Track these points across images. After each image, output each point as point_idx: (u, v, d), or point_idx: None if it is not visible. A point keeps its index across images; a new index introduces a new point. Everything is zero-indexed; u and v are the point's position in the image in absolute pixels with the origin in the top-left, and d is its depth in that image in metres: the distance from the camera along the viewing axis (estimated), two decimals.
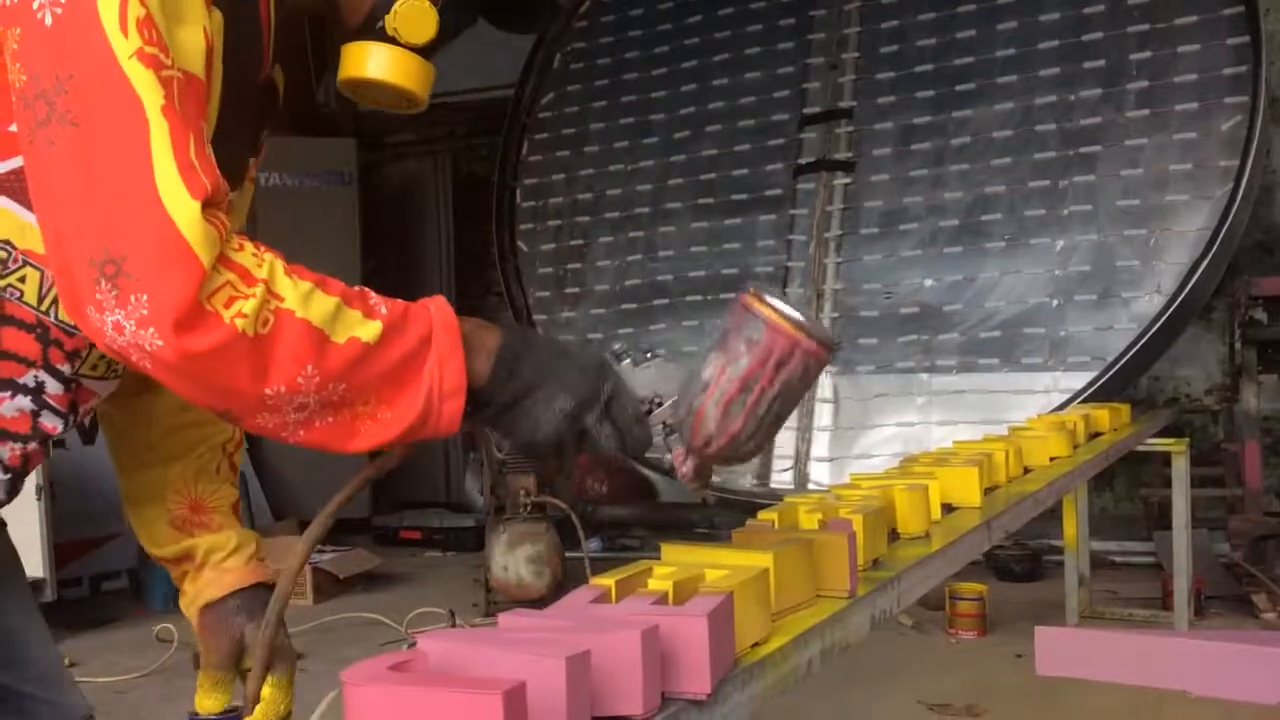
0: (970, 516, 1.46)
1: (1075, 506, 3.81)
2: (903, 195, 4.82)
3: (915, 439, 4.33)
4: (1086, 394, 4.01)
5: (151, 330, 0.84)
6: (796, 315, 0.96)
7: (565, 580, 4.18)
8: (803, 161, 5.06)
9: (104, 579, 4.89)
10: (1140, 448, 3.19)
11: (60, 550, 4.32)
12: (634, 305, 5.30)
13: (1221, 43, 4.34)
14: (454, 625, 1.53)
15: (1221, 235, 4.06)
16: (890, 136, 4.94)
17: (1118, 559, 4.80)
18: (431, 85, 1.12)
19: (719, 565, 0.91)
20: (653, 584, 0.85)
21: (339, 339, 0.89)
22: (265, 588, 1.27)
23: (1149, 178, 4.35)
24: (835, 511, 1.15)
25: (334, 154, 6.57)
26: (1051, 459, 2.05)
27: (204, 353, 0.85)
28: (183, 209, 0.83)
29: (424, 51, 1.09)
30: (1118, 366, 4.12)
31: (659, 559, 0.97)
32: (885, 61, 5.04)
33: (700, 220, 5.27)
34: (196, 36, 0.90)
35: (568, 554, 4.27)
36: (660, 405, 1.03)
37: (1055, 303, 4.36)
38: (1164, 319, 4.10)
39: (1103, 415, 2.71)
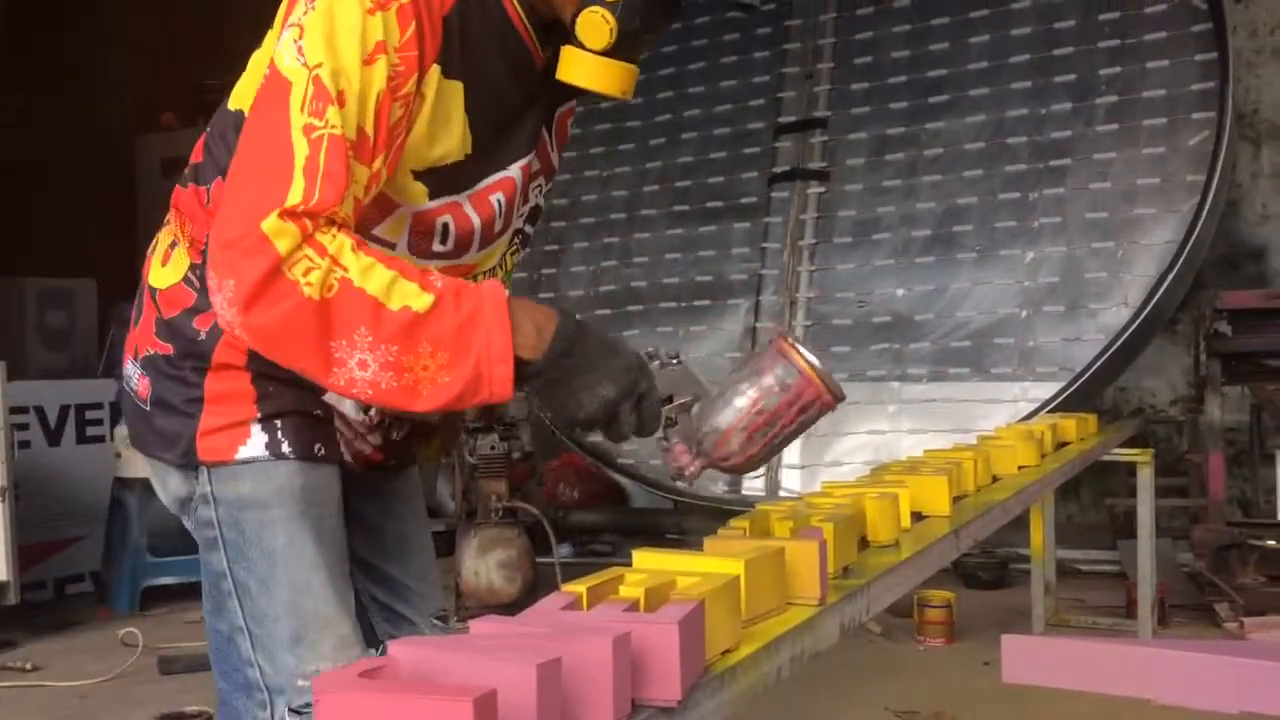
0: (939, 525, 1.48)
1: (1042, 515, 3.85)
2: (876, 205, 4.86)
3: (885, 447, 4.35)
4: (1054, 404, 4.06)
5: (235, 309, 1.07)
6: (822, 367, 1.20)
7: (536, 585, 4.17)
8: (778, 170, 5.09)
9: (68, 582, 4.83)
10: (1106, 457, 3.22)
11: (24, 553, 4.26)
12: (608, 311, 5.30)
13: (1190, 59, 4.40)
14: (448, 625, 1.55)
15: (1188, 249, 4.12)
16: (864, 146, 4.98)
17: (1083, 567, 4.84)
18: (627, 83, 1.27)
19: (690, 572, 0.91)
20: (624, 591, 0.85)
21: (393, 306, 1.07)
22: None
23: (1117, 191, 4.40)
24: (806, 519, 1.16)
25: None
26: (1020, 468, 2.07)
27: (277, 320, 1.06)
28: (271, 219, 1.06)
29: (617, 54, 1.25)
30: (1085, 377, 4.16)
31: (630, 565, 0.97)
32: (860, 72, 5.08)
33: (675, 227, 5.29)
34: (367, 111, 1.13)
35: (538, 559, 4.26)
36: (671, 402, 1.24)
37: (1024, 313, 4.40)
38: (1130, 331, 4.15)
39: (1070, 425, 2.74)
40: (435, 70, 1.19)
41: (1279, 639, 3.48)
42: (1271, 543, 4.38)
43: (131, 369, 1.39)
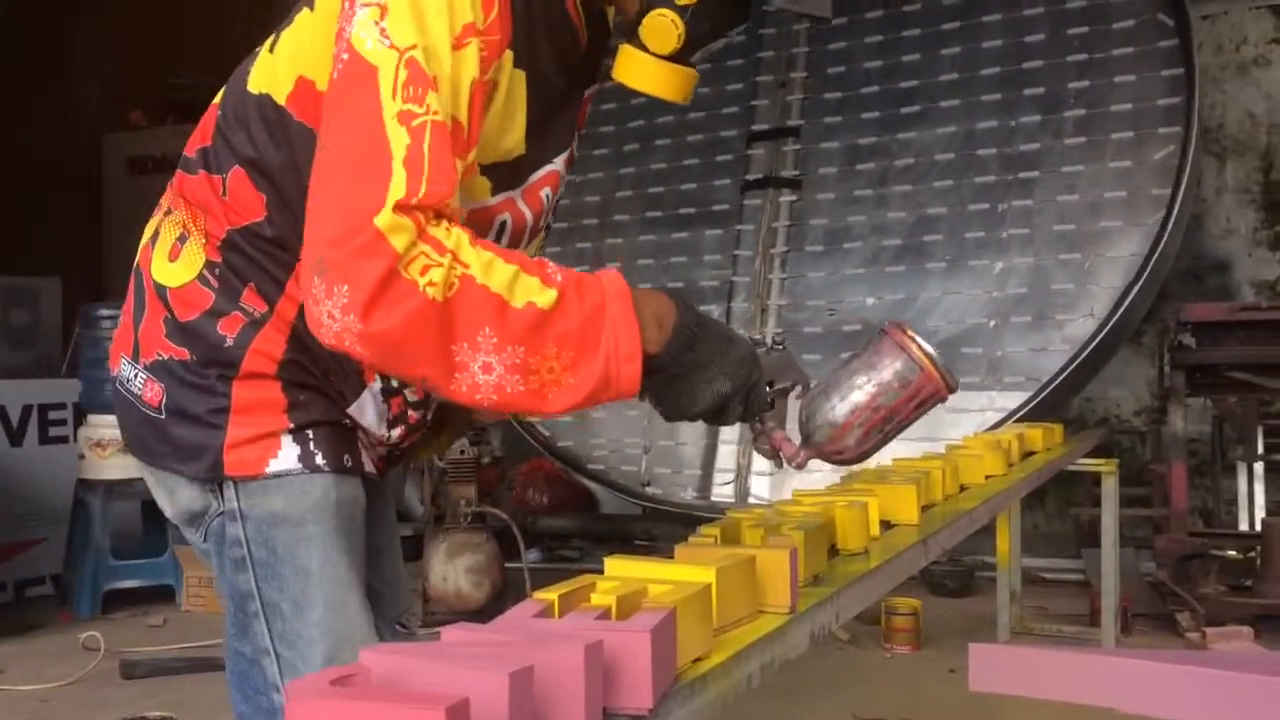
0: (908, 534, 1.49)
1: (1008, 524, 3.88)
2: (847, 214, 4.89)
3: None
4: (1021, 413, 4.09)
5: (352, 316, 0.99)
6: (939, 358, 1.19)
7: (504, 591, 4.15)
8: (750, 178, 5.12)
9: (29, 585, 4.76)
10: (1071, 467, 3.26)
11: None
12: None
13: (1157, 74, 4.46)
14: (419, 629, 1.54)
15: (1153, 261, 4.17)
16: (836, 155, 5.01)
17: (1048, 576, 4.89)
18: (687, 87, 1.24)
19: (662, 580, 0.91)
20: (596, 599, 0.85)
21: (517, 303, 1.01)
22: None
23: (1084, 203, 4.46)
24: (777, 527, 1.16)
25: None
26: (987, 477, 2.09)
27: (399, 324, 0.98)
28: (384, 213, 0.98)
29: (679, 58, 1.21)
30: (1051, 387, 4.21)
31: (599, 570, 0.97)
32: (832, 82, 5.11)
33: (648, 233, 5.30)
34: (461, 100, 1.06)
35: (507, 564, 4.25)
36: (772, 387, 1.22)
37: (993, 323, 4.44)
38: (1096, 342, 4.20)
39: (1036, 434, 2.76)
40: (509, 56, 1.13)
41: (1240, 649, 3.52)
42: (1232, 553, 4.45)
43: (130, 370, 1.28)
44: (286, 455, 1.22)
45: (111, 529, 4.63)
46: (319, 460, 1.24)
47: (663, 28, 1.18)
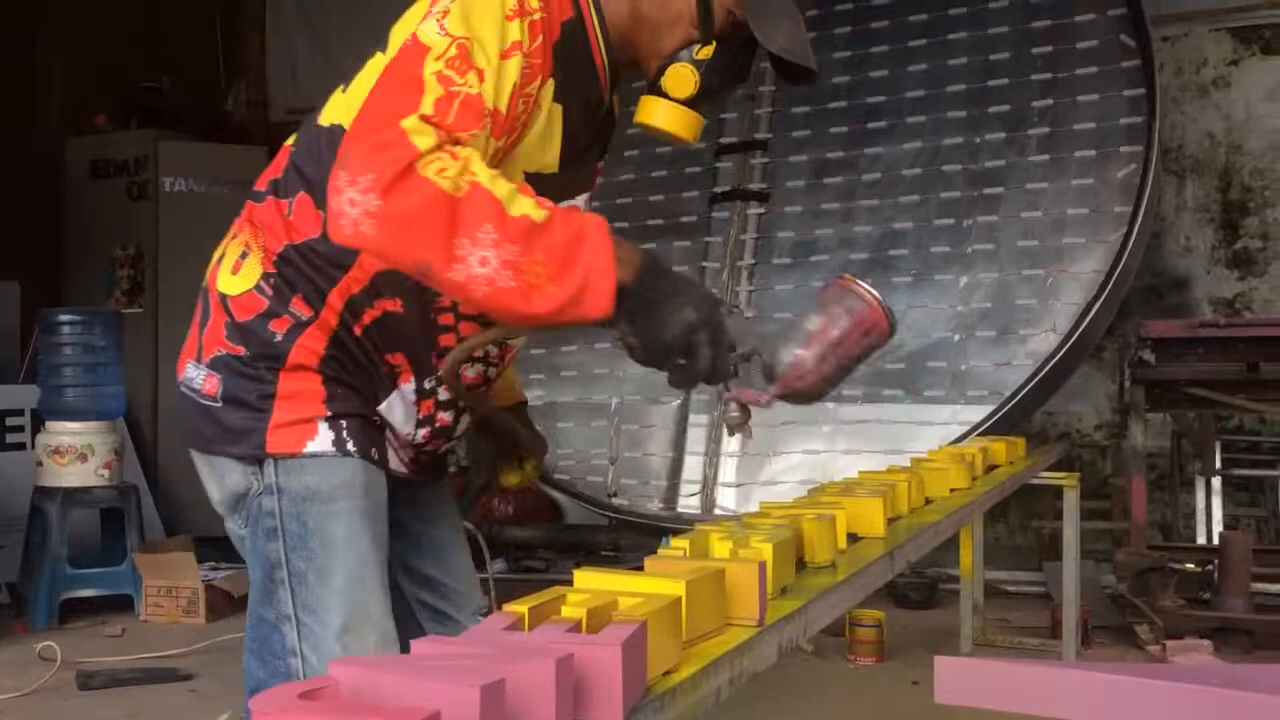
0: (875, 546, 1.50)
1: (971, 537, 3.91)
2: (815, 227, 4.91)
3: (820, 467, 4.39)
4: (984, 427, 4.13)
5: (372, 195, 1.13)
6: (882, 300, 1.35)
7: None
8: (718, 190, 5.13)
9: None
10: (1033, 481, 3.29)
11: None
12: None
13: (1119, 94, 4.53)
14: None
15: (1114, 278, 4.22)
16: (804, 169, 5.04)
17: (1009, 588, 4.93)
18: (696, 130, 1.46)
19: (632, 592, 0.91)
20: (566, 611, 0.85)
21: (514, 212, 1.16)
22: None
23: (1048, 220, 4.51)
24: (746, 540, 1.17)
25: (244, 162, 6.43)
26: (952, 490, 2.11)
27: (414, 205, 1.13)
28: (412, 119, 1.16)
29: (693, 104, 1.43)
30: (1014, 401, 4.24)
31: (566, 581, 0.97)
32: (800, 96, 5.14)
33: None
34: (503, 95, 1.26)
35: None
36: (734, 351, 1.32)
37: (957, 337, 4.48)
38: (1058, 357, 4.24)
39: (1000, 448, 2.79)
40: (550, 85, 1.33)
41: (1201, 662, 3.57)
42: (1190, 566, 4.51)
43: (195, 371, 1.45)
44: (322, 439, 1.38)
45: (69, 537, 4.56)
46: (350, 446, 1.39)
47: (682, 75, 1.41)
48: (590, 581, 0.97)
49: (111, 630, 4.36)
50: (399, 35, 1.33)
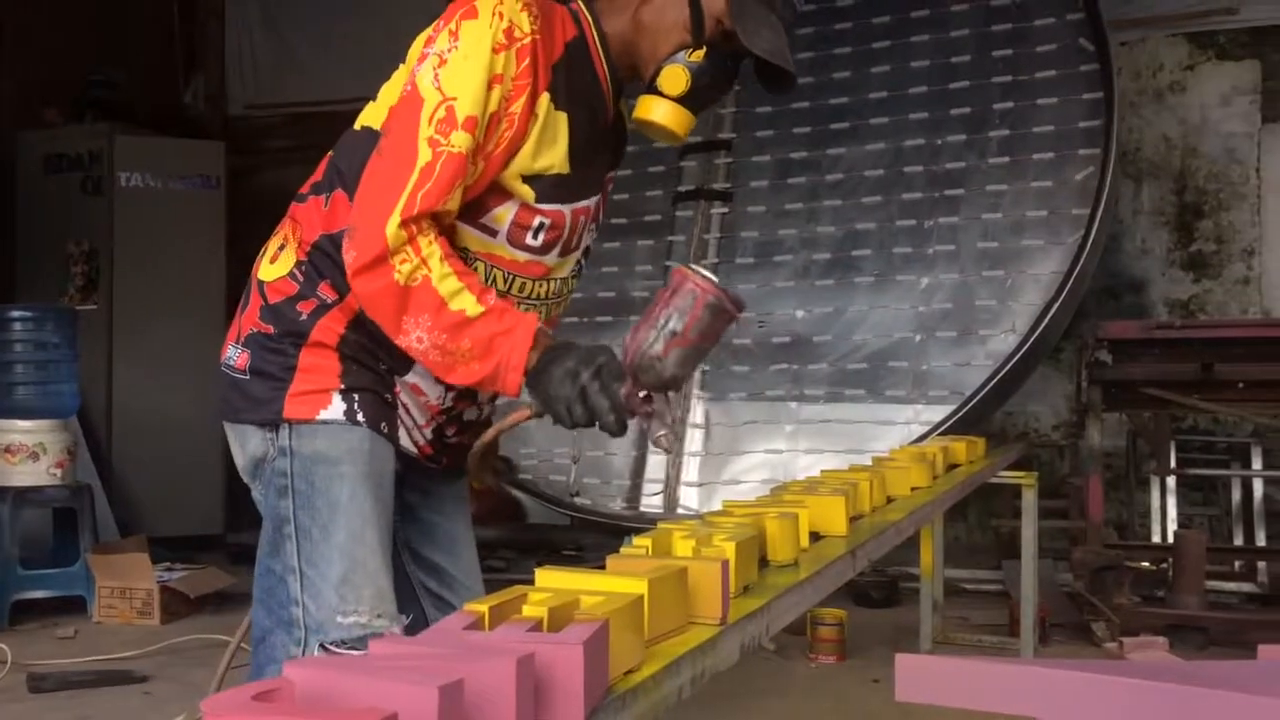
0: (836, 545, 1.50)
1: (932, 535, 3.94)
2: (778, 227, 4.93)
3: (782, 466, 4.41)
4: (945, 426, 4.16)
5: (350, 271, 1.47)
6: (716, 281, 1.44)
7: None
8: (682, 189, 5.14)
9: None
10: (993, 480, 3.32)
11: None
12: None
13: (1078, 97, 4.57)
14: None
15: (1072, 279, 4.27)
16: (767, 169, 5.05)
17: (968, 586, 4.98)
18: (688, 127, 1.63)
19: (594, 591, 0.91)
20: (527, 610, 0.84)
21: (453, 306, 1.44)
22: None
23: (1007, 222, 4.55)
24: (709, 538, 1.16)
25: (201, 157, 6.35)
26: (913, 489, 2.12)
27: (373, 290, 1.45)
28: (393, 220, 1.43)
29: (685, 102, 1.60)
30: (974, 401, 4.28)
31: (527, 580, 0.96)
32: (764, 97, 5.14)
33: None
34: (479, 135, 1.49)
35: None
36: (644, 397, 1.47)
37: (918, 338, 4.51)
38: (1018, 357, 4.28)
39: (960, 447, 2.81)
40: (546, 98, 1.53)
41: (1157, 659, 3.62)
42: (1145, 564, 4.57)
43: (232, 350, 1.63)
44: (335, 408, 1.56)
45: (20, 538, 4.48)
46: (359, 417, 1.57)
47: (675, 74, 1.59)
48: (552, 580, 0.97)
49: (63, 632, 4.28)
50: (414, 51, 1.55)
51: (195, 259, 6.13)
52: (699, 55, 1.59)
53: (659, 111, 1.61)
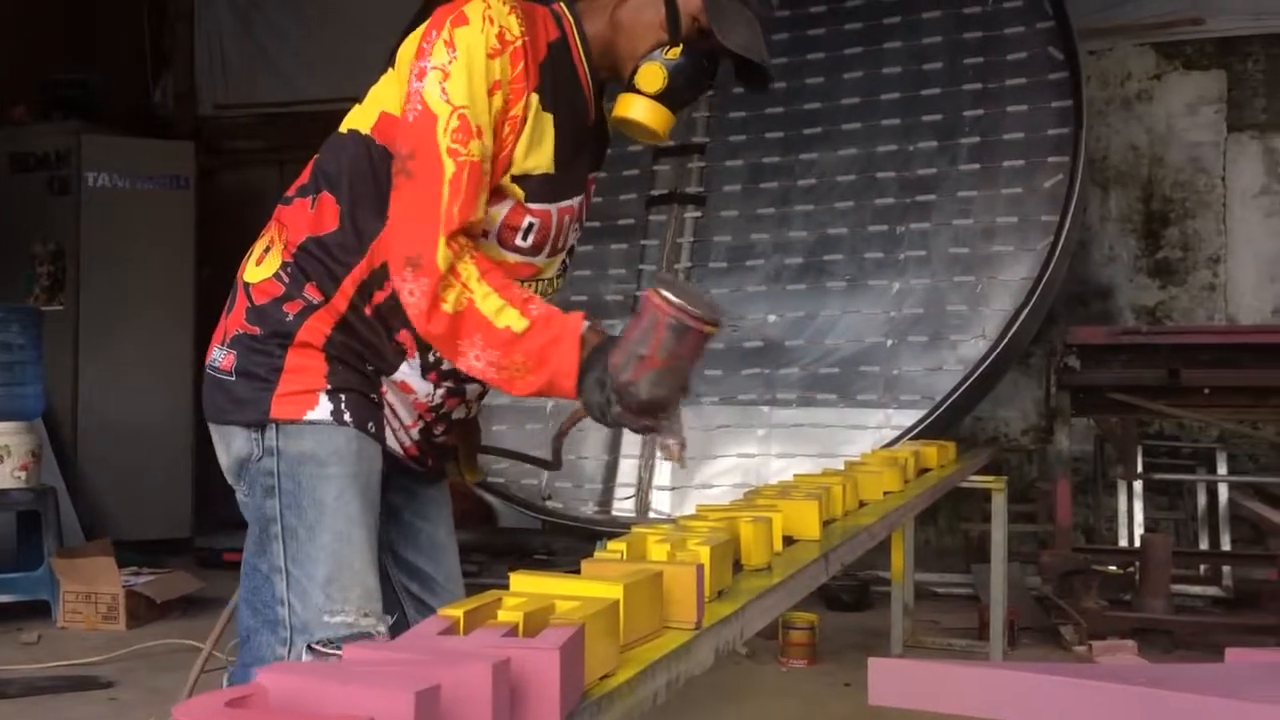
0: (810, 549, 1.50)
1: (903, 539, 3.96)
2: (750, 231, 4.94)
3: (755, 470, 4.42)
4: (916, 431, 4.18)
5: (416, 310, 1.50)
6: (680, 300, 1.40)
7: None
8: (655, 193, 5.14)
9: None
10: (962, 484, 3.34)
11: None
12: None
13: (1047, 106, 4.62)
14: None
15: (1042, 285, 4.31)
16: (740, 174, 5.07)
17: (938, 590, 5.00)
18: (667, 125, 1.63)
19: (569, 596, 0.90)
20: (503, 615, 0.83)
21: (499, 324, 1.47)
22: None
23: (978, 228, 4.58)
24: (683, 542, 1.16)
25: (171, 157, 6.29)
26: (885, 493, 2.13)
27: (434, 330, 1.50)
28: (440, 246, 1.47)
29: (663, 100, 1.61)
30: (945, 406, 4.31)
31: (499, 585, 0.96)
32: (737, 101, 5.17)
33: None
34: (489, 140, 1.53)
35: None
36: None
37: (890, 343, 4.53)
38: (988, 362, 4.32)
39: (931, 452, 2.83)
40: (534, 99, 1.56)
41: (1125, 662, 3.65)
42: (1113, 568, 4.61)
43: (218, 352, 1.64)
44: (321, 409, 1.57)
45: None
46: (346, 417, 1.58)
47: (652, 71, 1.59)
48: (527, 585, 0.96)
49: (27, 637, 4.22)
50: (405, 57, 1.56)
51: (164, 260, 6.06)
52: (676, 53, 1.60)
53: (638, 109, 1.61)
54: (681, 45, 1.60)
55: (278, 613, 1.54)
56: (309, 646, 1.50)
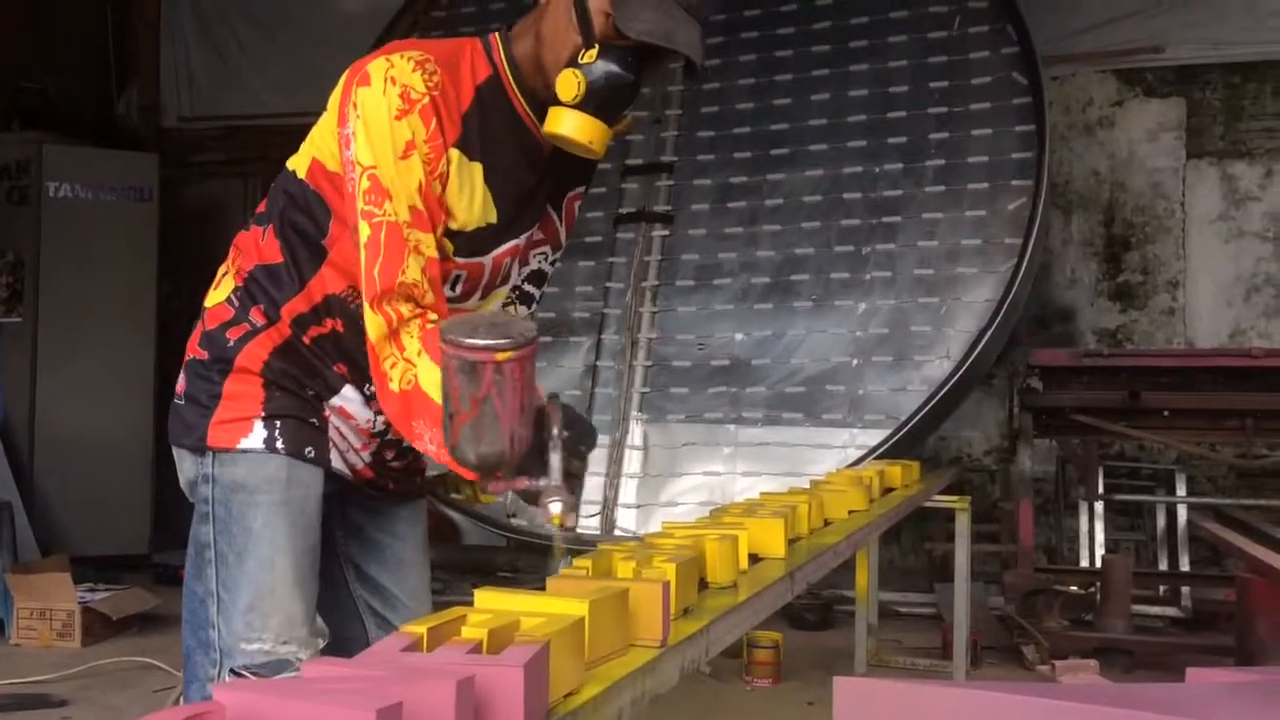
0: (775, 567, 1.50)
1: (867, 558, 3.97)
2: (718, 250, 4.96)
3: (720, 488, 4.42)
4: (881, 450, 4.20)
5: (377, 391, 1.51)
6: (448, 336, 1.27)
7: None
8: (623, 211, 5.15)
9: None
10: (926, 504, 3.35)
11: None
12: None
13: (1010, 129, 4.68)
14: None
15: (1005, 307, 4.35)
16: (708, 193, 5.09)
17: (902, 609, 5.02)
18: (595, 134, 1.52)
19: (534, 613, 0.90)
20: (467, 632, 0.83)
21: (439, 402, 1.36)
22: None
23: (942, 249, 4.62)
24: (649, 560, 1.16)
25: (134, 168, 6.22)
26: (850, 512, 2.13)
27: (387, 408, 1.48)
28: (368, 316, 1.47)
29: (589, 109, 1.50)
30: (909, 426, 4.33)
31: (463, 603, 0.95)
32: (706, 121, 5.20)
33: None
34: (414, 188, 1.49)
35: None
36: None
37: (855, 362, 4.55)
38: (951, 383, 4.35)
39: (896, 471, 2.84)
40: (455, 153, 1.52)
41: (1088, 681, 3.68)
42: (1074, 588, 4.65)
43: (181, 375, 1.68)
44: (255, 436, 1.58)
45: None
46: (279, 445, 1.58)
47: (566, 79, 1.50)
48: (491, 602, 0.95)
49: None
50: (333, 104, 1.55)
51: (126, 272, 5.99)
52: (592, 56, 1.49)
53: (564, 124, 1.51)
54: (598, 47, 1.49)
55: (209, 635, 1.57)
56: (232, 670, 1.53)
